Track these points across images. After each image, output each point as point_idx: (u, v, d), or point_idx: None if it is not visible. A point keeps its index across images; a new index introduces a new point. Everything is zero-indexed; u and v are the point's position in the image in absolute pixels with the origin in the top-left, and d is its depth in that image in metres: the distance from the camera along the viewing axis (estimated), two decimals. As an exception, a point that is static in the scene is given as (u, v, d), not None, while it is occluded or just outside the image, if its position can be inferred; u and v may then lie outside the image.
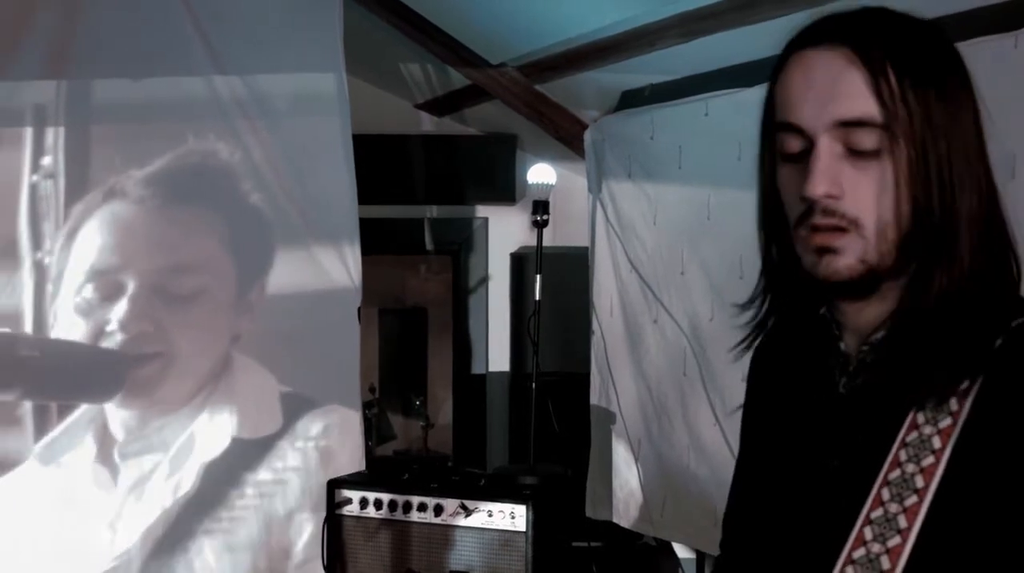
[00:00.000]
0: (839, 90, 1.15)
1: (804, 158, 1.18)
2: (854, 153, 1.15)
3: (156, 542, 3.52)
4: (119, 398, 3.51)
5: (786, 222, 1.23)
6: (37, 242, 3.44)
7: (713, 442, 3.64)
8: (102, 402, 3.49)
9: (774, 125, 1.22)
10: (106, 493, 3.50)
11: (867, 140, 1.15)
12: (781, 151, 1.21)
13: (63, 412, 3.47)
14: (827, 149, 1.15)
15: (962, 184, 1.16)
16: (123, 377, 3.51)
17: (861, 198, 1.16)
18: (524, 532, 3.05)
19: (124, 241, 3.53)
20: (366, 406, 4.16)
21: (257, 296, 3.74)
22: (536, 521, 3.05)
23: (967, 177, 1.17)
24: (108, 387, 3.51)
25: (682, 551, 4.54)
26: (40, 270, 3.44)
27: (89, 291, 3.49)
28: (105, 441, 3.52)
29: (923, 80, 1.15)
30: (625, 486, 4.23)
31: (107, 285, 3.50)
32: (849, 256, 1.17)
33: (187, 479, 3.55)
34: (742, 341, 1.36)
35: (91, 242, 3.52)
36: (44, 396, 3.45)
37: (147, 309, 3.52)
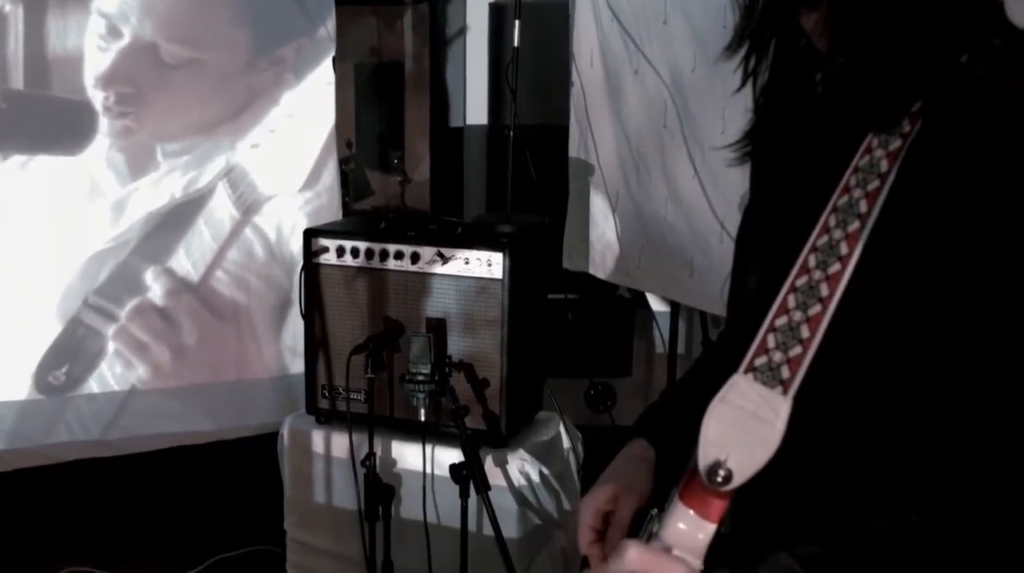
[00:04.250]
0: None
1: None
2: None
3: (156, 225, 3.63)
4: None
5: None
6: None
7: (691, 194, 3.62)
8: (68, 154, 3.44)
9: None
10: (119, 181, 3.56)
11: None
12: None
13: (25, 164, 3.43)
14: None
15: None
16: (94, 129, 3.47)
17: None
18: (500, 279, 3.04)
19: None
20: (343, 162, 4.10)
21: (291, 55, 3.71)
22: (512, 269, 3.03)
23: None
24: (75, 139, 3.45)
25: (656, 303, 4.61)
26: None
27: (94, 31, 3.42)
28: (140, 138, 3.57)
29: None
30: (602, 238, 4.24)
31: (108, 28, 3.43)
32: None
33: (204, 180, 3.68)
34: (743, 80, 1.28)
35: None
36: (9, 148, 3.38)
37: (130, 69, 3.47)
